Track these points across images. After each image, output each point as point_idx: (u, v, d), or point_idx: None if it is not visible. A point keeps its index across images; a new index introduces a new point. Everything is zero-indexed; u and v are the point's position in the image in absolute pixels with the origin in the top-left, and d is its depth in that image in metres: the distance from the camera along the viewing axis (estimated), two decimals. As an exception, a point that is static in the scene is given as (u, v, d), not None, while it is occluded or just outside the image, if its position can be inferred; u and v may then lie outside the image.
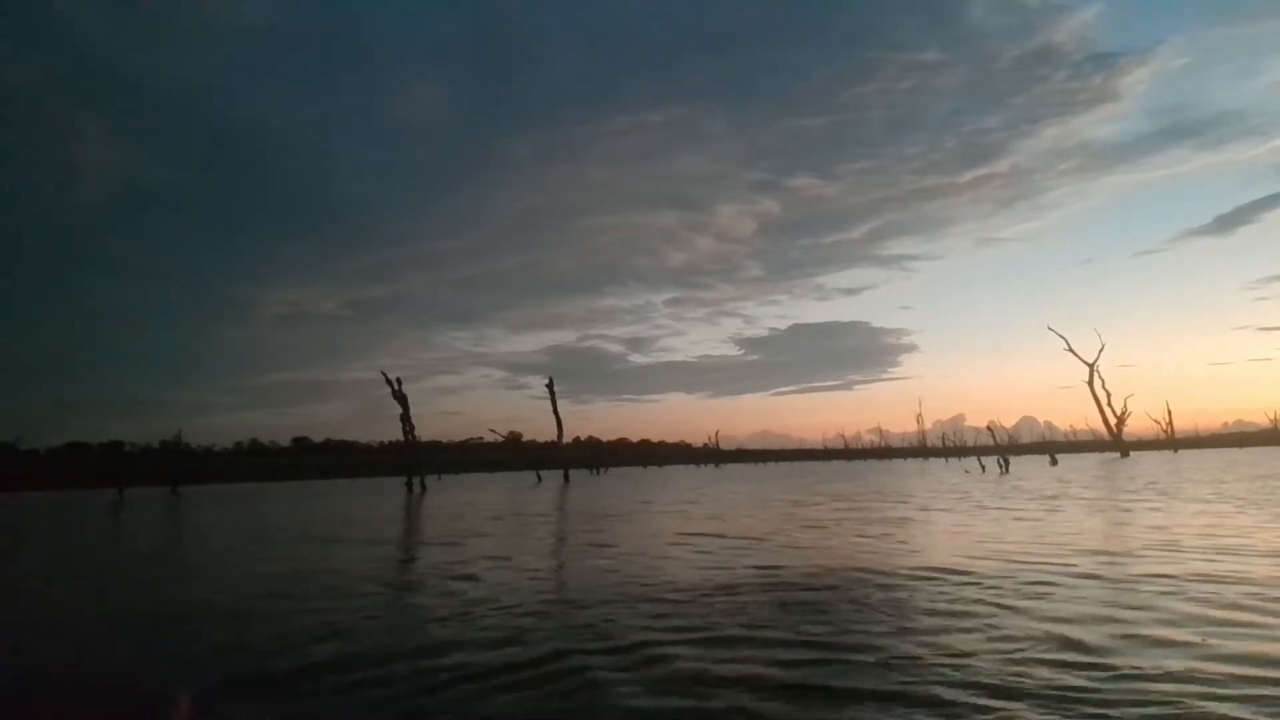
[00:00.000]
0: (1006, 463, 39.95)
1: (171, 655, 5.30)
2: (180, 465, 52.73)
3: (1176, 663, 4.15)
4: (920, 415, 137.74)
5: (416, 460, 41.69)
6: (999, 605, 5.79)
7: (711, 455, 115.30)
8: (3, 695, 4.57)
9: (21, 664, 5.26)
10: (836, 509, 16.57)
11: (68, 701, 4.36)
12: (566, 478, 48.34)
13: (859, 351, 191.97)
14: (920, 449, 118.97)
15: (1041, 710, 3.52)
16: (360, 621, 6.09)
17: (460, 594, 7.20)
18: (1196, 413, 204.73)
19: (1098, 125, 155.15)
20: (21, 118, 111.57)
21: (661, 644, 4.96)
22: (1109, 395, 65.00)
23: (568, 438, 53.45)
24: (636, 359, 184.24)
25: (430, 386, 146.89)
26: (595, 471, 72.49)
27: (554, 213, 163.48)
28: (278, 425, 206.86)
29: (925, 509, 15.83)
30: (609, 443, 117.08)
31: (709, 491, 27.92)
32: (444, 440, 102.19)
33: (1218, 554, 8.01)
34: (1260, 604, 5.56)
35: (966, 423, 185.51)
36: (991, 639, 4.81)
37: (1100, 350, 70.40)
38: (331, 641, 5.40)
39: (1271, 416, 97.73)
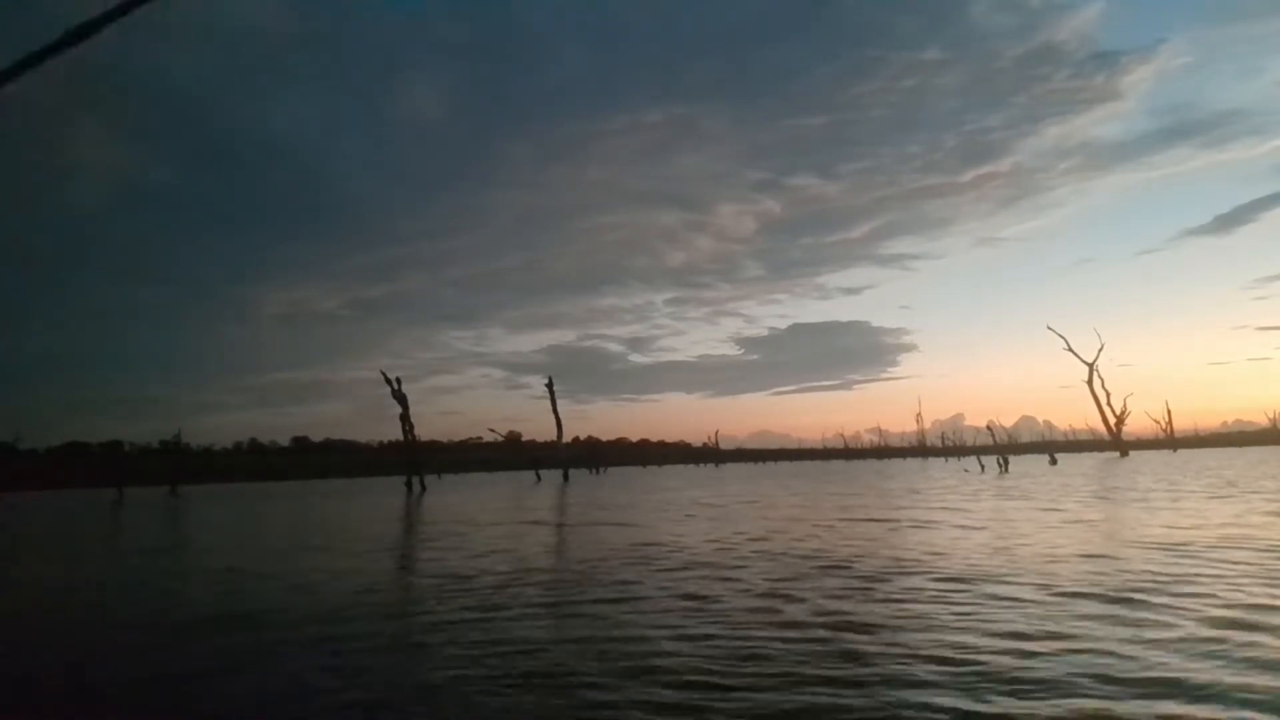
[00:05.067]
0: (1006, 462, 39.97)
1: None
2: (179, 465, 52.68)
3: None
4: (920, 415, 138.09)
5: (416, 460, 41.74)
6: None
7: (711, 455, 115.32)
8: (4, 696, 4.59)
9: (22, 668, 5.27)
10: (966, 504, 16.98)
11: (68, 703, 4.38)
12: (566, 477, 48.37)
13: (859, 351, 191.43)
14: (920, 449, 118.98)
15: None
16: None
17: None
18: (1196, 412, 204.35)
19: (1099, 124, 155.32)
20: (21, 117, 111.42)
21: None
22: (1108, 395, 65.20)
23: (567, 437, 53.49)
24: (636, 359, 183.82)
25: (430, 386, 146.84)
26: (595, 471, 72.48)
27: (554, 212, 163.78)
28: (277, 425, 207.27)
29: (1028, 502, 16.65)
30: (609, 442, 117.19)
31: (773, 487, 28.23)
32: (444, 440, 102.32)
33: None
34: None
35: (966, 422, 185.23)
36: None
37: (1100, 350, 70.41)
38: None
39: (1271, 416, 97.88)
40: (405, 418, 41.94)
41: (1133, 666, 4.23)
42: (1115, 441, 65.47)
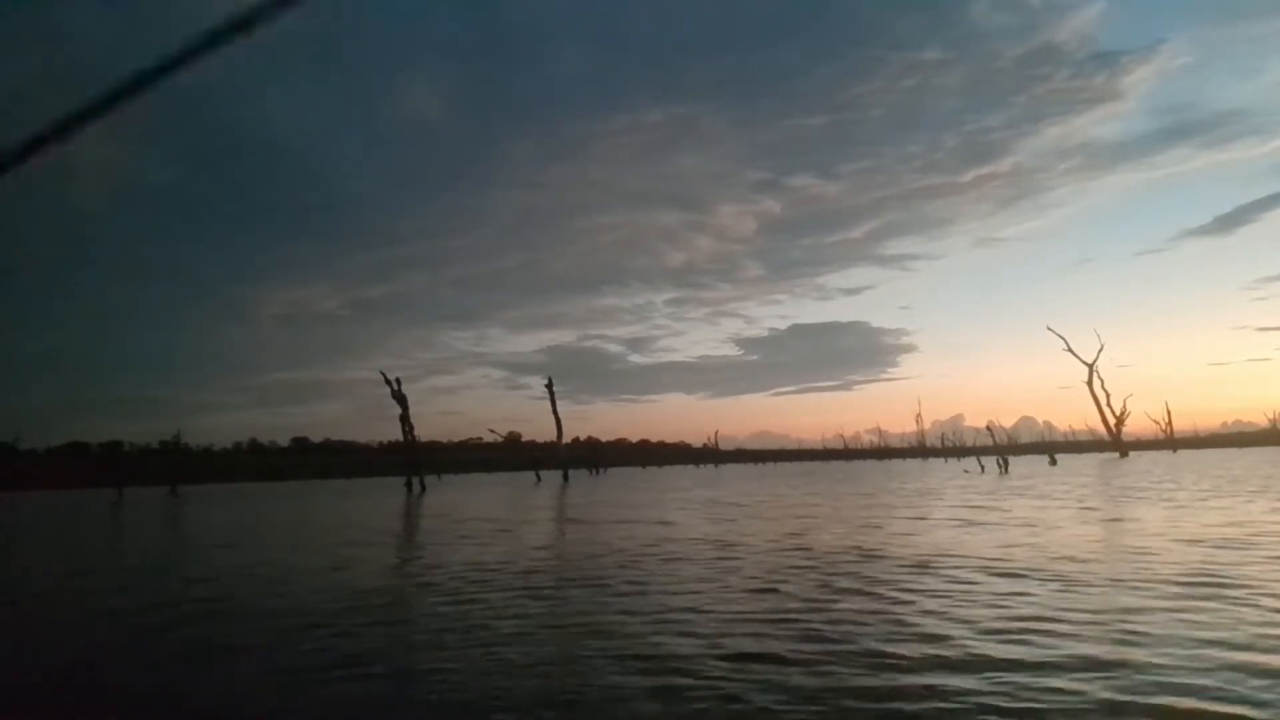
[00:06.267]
0: (1006, 463, 39.94)
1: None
2: (179, 465, 52.61)
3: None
4: (920, 415, 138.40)
5: (416, 460, 41.68)
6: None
7: (711, 455, 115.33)
8: (7, 695, 4.56)
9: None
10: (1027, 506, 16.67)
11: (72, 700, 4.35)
12: (566, 478, 48.32)
13: (858, 351, 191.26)
14: (919, 449, 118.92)
15: None
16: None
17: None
18: (1195, 412, 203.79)
19: (1100, 124, 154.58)
20: (21, 118, 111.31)
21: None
22: (1108, 395, 65.24)
23: (567, 438, 53.45)
24: (636, 359, 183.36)
25: (430, 386, 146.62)
26: (594, 472, 72.41)
27: (554, 212, 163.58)
28: (277, 425, 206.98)
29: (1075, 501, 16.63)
30: (608, 443, 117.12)
31: (781, 487, 28.15)
32: (443, 440, 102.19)
33: None
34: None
35: (965, 423, 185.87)
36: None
37: (1099, 350, 70.74)
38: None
39: (1270, 416, 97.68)
40: (405, 418, 41.94)
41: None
42: (1115, 442, 65.47)
